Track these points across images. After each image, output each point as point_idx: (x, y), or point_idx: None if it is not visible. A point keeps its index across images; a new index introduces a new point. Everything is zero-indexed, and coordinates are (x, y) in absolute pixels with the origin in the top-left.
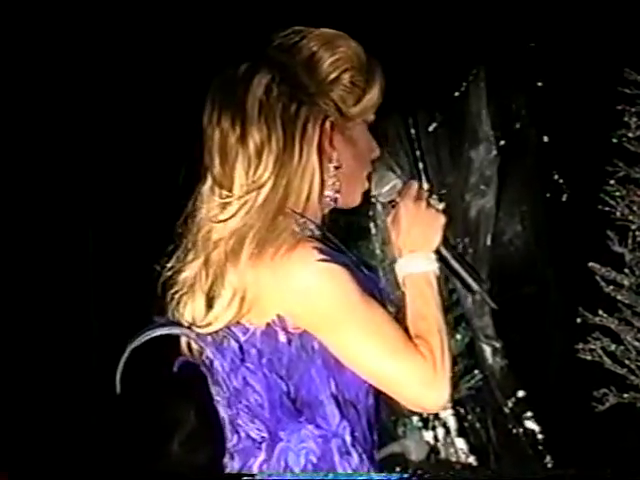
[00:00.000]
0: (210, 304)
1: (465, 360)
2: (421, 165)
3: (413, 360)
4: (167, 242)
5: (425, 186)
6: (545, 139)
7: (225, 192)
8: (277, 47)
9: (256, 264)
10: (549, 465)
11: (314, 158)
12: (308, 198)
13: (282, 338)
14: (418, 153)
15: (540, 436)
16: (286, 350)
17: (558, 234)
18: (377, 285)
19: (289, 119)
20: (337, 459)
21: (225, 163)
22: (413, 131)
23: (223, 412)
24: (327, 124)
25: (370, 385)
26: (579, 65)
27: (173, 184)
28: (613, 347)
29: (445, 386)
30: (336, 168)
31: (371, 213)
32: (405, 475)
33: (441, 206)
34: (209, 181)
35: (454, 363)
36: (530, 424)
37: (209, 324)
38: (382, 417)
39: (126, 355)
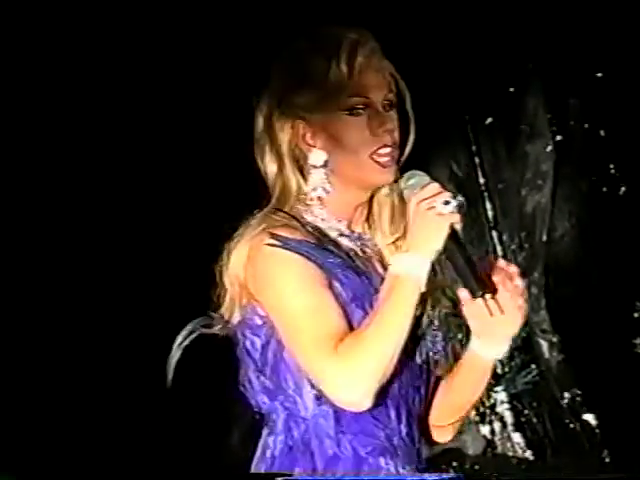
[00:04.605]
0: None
1: (521, 355)
2: (477, 160)
3: (327, 360)
4: None
5: (462, 199)
6: (602, 133)
7: None
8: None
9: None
10: (606, 460)
11: (287, 162)
12: (297, 198)
13: (258, 321)
14: (474, 148)
15: (597, 431)
16: (262, 333)
17: (615, 228)
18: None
19: (268, 133)
20: (315, 443)
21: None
22: (469, 126)
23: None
24: (299, 126)
25: None
26: (637, 56)
27: None
28: None
29: (356, 390)
30: (314, 167)
31: None
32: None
33: (448, 210)
34: None
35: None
36: (587, 419)
37: (227, 319)
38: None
39: (177, 355)
